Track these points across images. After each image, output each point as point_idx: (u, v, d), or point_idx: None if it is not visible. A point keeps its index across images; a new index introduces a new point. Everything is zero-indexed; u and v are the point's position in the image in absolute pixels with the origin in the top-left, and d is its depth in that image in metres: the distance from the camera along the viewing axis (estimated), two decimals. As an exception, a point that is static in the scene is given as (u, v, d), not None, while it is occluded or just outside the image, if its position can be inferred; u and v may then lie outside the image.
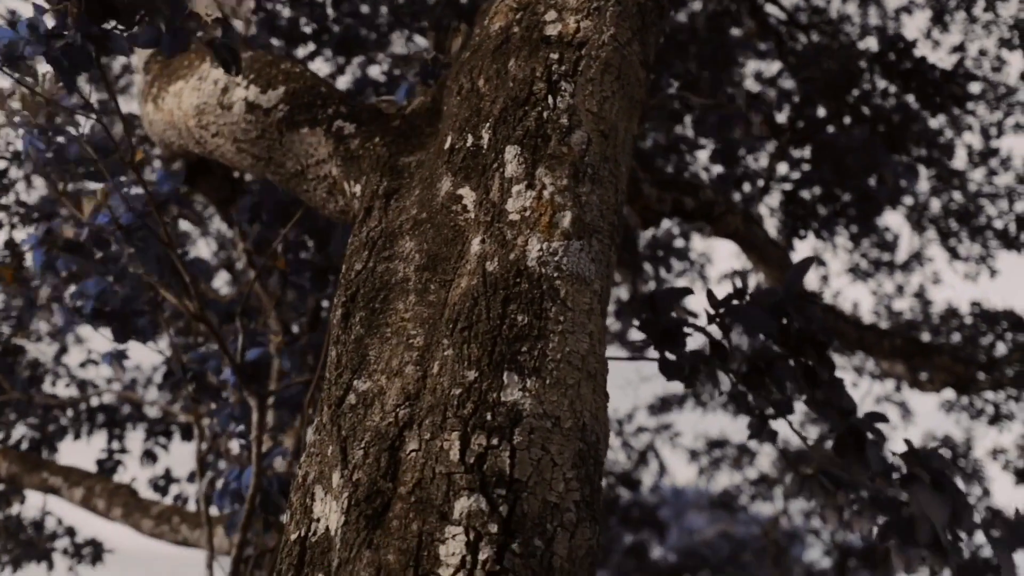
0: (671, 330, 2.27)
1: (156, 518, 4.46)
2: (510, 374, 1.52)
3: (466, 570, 1.32)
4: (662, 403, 8.94)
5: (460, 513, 1.37)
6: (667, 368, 2.26)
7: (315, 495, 1.59)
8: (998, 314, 6.23)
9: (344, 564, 1.40)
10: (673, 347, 2.27)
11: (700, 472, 9.19)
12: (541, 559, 1.37)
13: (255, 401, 2.74)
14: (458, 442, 1.44)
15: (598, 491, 1.55)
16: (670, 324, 2.31)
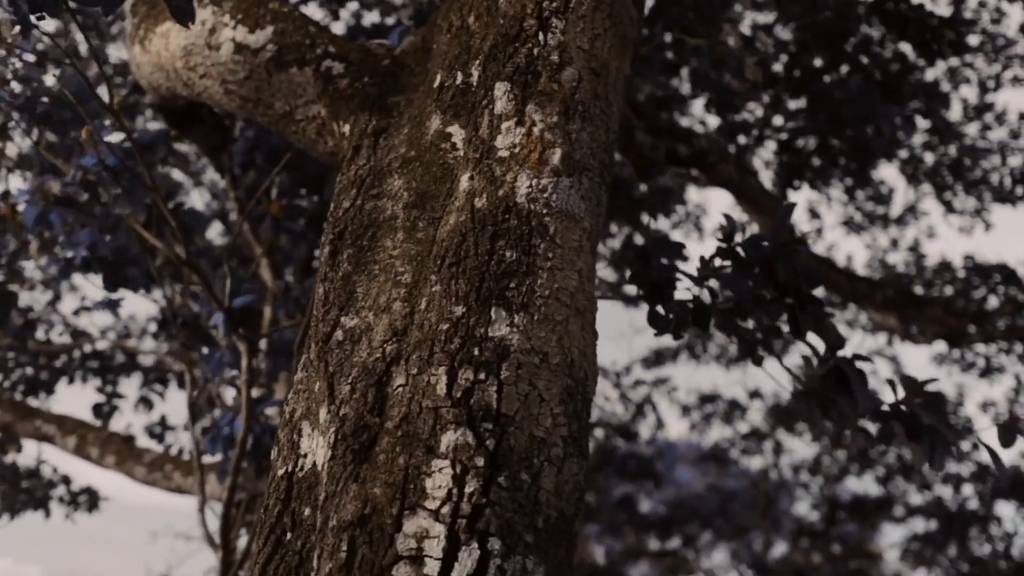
0: (661, 283, 2.26)
1: (149, 466, 4.48)
2: (498, 310, 1.52)
3: (452, 503, 1.32)
4: (656, 356, 8.98)
5: (447, 447, 1.36)
6: (656, 321, 2.25)
7: (302, 431, 1.58)
8: (991, 267, 6.23)
9: (331, 497, 1.40)
10: (662, 300, 2.27)
11: (692, 427, 9.25)
12: (528, 493, 1.37)
13: (245, 346, 2.73)
14: (445, 377, 1.44)
15: (586, 427, 1.54)
16: (660, 277, 2.31)
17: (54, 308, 6.44)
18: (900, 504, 9.46)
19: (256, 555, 1.49)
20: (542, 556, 1.35)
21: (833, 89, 5.25)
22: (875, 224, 7.72)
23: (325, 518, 1.39)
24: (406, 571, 1.27)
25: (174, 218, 2.58)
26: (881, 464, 8.97)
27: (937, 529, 9.36)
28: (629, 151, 4.06)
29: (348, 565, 1.30)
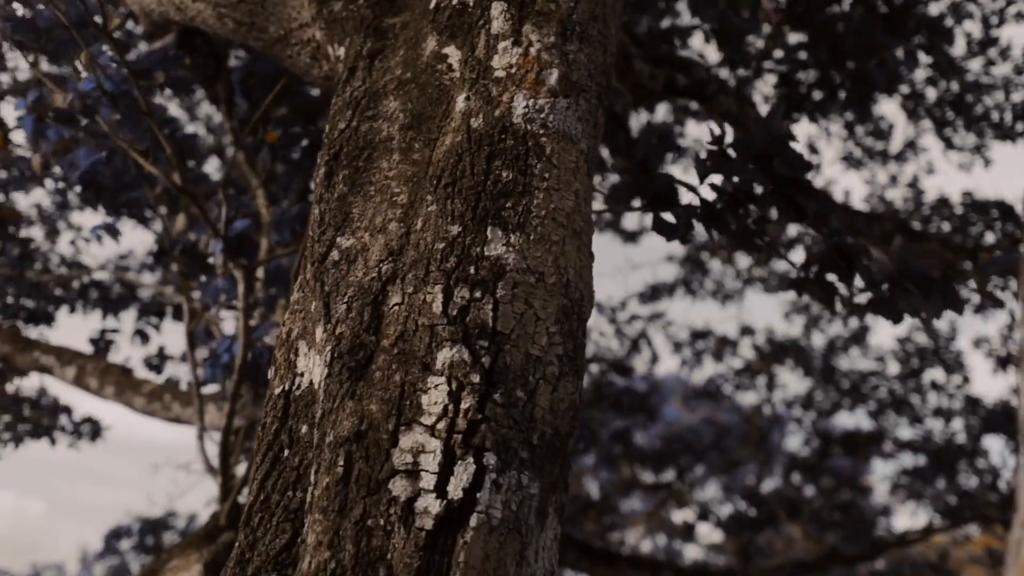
0: (663, 190, 2.25)
1: (148, 396, 4.50)
2: (494, 229, 1.51)
3: (448, 419, 1.33)
4: (652, 291, 9.00)
5: (442, 364, 1.37)
6: (662, 227, 2.24)
7: (298, 350, 1.59)
8: (989, 204, 6.22)
9: (327, 415, 1.42)
10: (667, 206, 2.26)
11: (683, 363, 9.30)
12: (523, 410, 1.38)
13: (242, 274, 2.73)
14: (441, 295, 1.44)
15: (582, 347, 1.55)
16: (662, 184, 2.30)
17: (52, 242, 6.43)
18: (890, 439, 9.56)
19: (254, 472, 1.50)
20: (537, 472, 1.37)
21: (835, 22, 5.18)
22: (874, 160, 7.68)
23: (322, 435, 1.40)
24: (402, 485, 1.28)
25: (169, 144, 2.55)
26: (873, 399, 9.05)
27: (926, 463, 9.49)
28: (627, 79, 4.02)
29: (345, 479, 1.32)
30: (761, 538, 10.25)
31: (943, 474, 9.53)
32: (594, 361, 8.99)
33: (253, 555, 1.37)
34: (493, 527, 1.27)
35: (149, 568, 2.55)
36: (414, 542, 1.24)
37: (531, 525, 1.34)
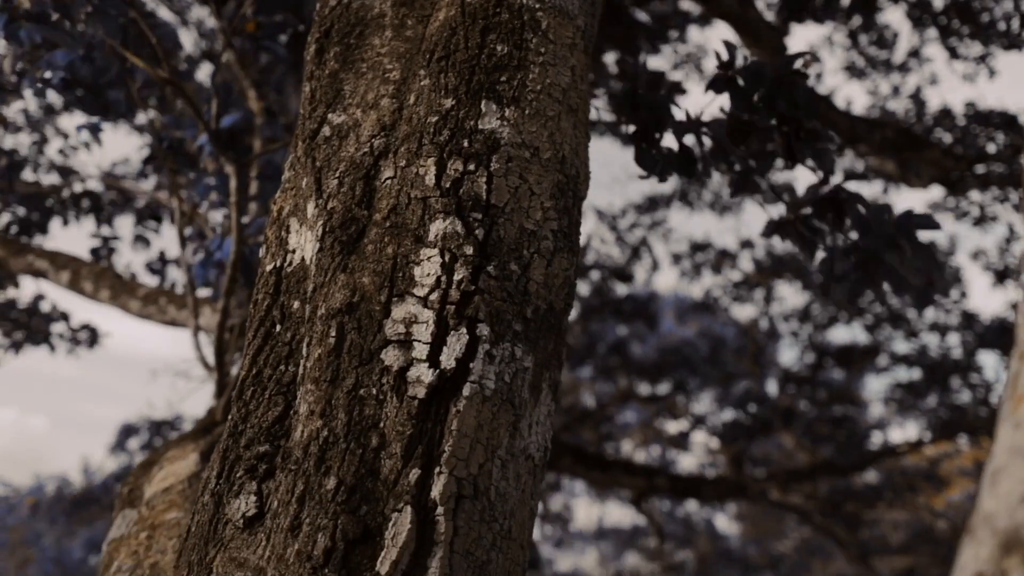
0: (650, 124, 2.21)
1: (143, 299, 4.49)
2: (488, 103, 1.48)
3: (441, 290, 1.31)
4: (650, 202, 8.93)
5: (435, 235, 1.35)
6: (643, 161, 2.21)
7: (290, 227, 1.56)
8: (991, 114, 6.13)
9: (319, 288, 1.40)
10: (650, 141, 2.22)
11: (682, 275, 9.29)
12: (517, 283, 1.36)
13: (233, 168, 2.69)
14: (434, 167, 1.41)
15: (577, 224, 1.53)
16: (650, 117, 2.25)
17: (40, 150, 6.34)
18: (886, 353, 9.61)
19: (246, 348, 1.49)
20: (531, 346, 1.36)
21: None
22: (877, 70, 7.55)
23: (314, 308, 1.39)
24: (395, 355, 1.27)
25: (153, 33, 2.49)
26: (870, 312, 9.07)
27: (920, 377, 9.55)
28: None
29: (337, 350, 1.30)
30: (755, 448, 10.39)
31: (936, 388, 9.61)
32: (594, 268, 8.98)
33: (246, 427, 1.36)
34: (486, 397, 1.26)
35: (148, 460, 2.56)
36: (407, 411, 1.23)
37: (525, 398, 1.33)
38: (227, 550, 1.25)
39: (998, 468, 0.67)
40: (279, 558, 1.18)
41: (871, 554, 9.74)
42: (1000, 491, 0.67)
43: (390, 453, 1.21)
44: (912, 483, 9.68)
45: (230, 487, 1.32)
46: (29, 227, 5.73)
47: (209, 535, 1.30)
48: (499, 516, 1.25)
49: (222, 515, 1.30)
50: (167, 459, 2.44)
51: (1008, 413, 0.68)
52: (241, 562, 1.23)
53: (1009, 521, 0.65)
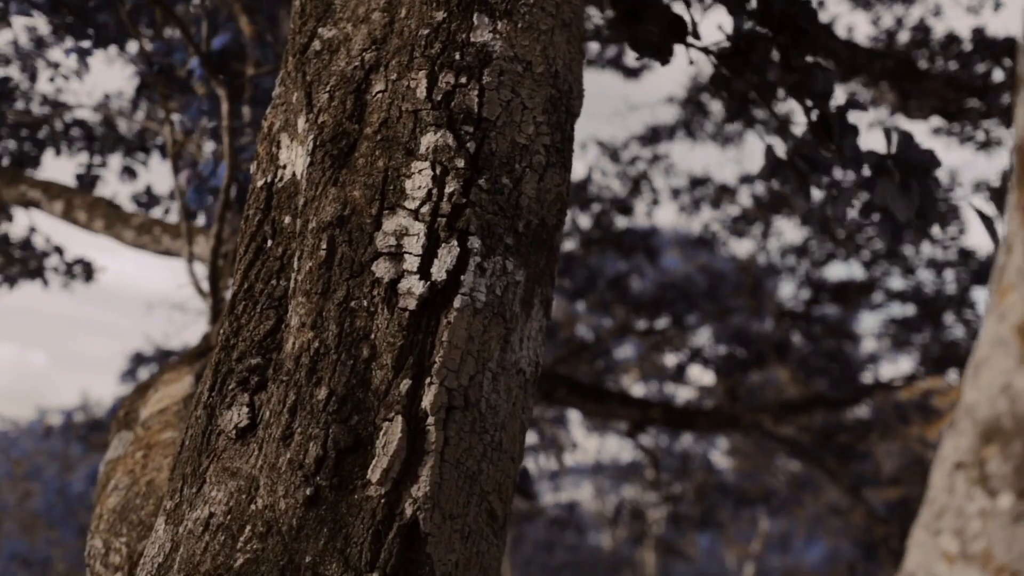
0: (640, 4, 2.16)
1: (138, 229, 4.47)
2: (480, 15, 1.45)
3: (432, 203, 1.30)
4: (652, 133, 8.86)
5: (426, 148, 1.34)
6: (636, 43, 2.17)
7: (281, 143, 1.55)
8: (997, 41, 6.04)
9: (310, 202, 1.39)
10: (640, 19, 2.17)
11: (681, 209, 9.26)
12: (509, 197, 1.35)
13: (224, 92, 2.66)
14: (425, 80, 1.39)
15: (569, 140, 1.51)
16: None
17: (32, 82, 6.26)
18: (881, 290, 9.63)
19: (238, 263, 1.48)
20: (523, 260, 1.35)
21: None
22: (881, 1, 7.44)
23: (305, 222, 1.38)
24: (385, 267, 1.27)
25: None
26: (868, 249, 9.06)
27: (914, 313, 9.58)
28: None
29: (328, 262, 1.30)
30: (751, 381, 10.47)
31: (930, 324, 9.65)
32: (595, 201, 8.94)
33: (238, 341, 1.37)
34: (477, 309, 1.27)
35: (144, 383, 2.58)
36: (397, 322, 1.23)
37: (516, 312, 1.33)
38: (220, 460, 1.27)
39: (981, 360, 0.68)
40: (271, 467, 1.19)
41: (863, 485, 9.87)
42: (982, 382, 0.67)
43: (381, 364, 1.22)
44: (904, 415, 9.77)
45: (222, 399, 1.33)
46: (22, 159, 5.69)
47: (202, 446, 1.31)
48: (490, 428, 1.26)
49: (215, 427, 1.31)
50: (163, 382, 2.45)
51: (993, 306, 0.68)
52: (234, 471, 1.24)
53: (989, 411, 0.66)
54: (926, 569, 0.67)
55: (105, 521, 1.81)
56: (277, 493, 1.17)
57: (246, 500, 1.20)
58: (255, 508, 1.18)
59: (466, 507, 1.21)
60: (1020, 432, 0.64)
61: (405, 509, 1.15)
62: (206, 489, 1.25)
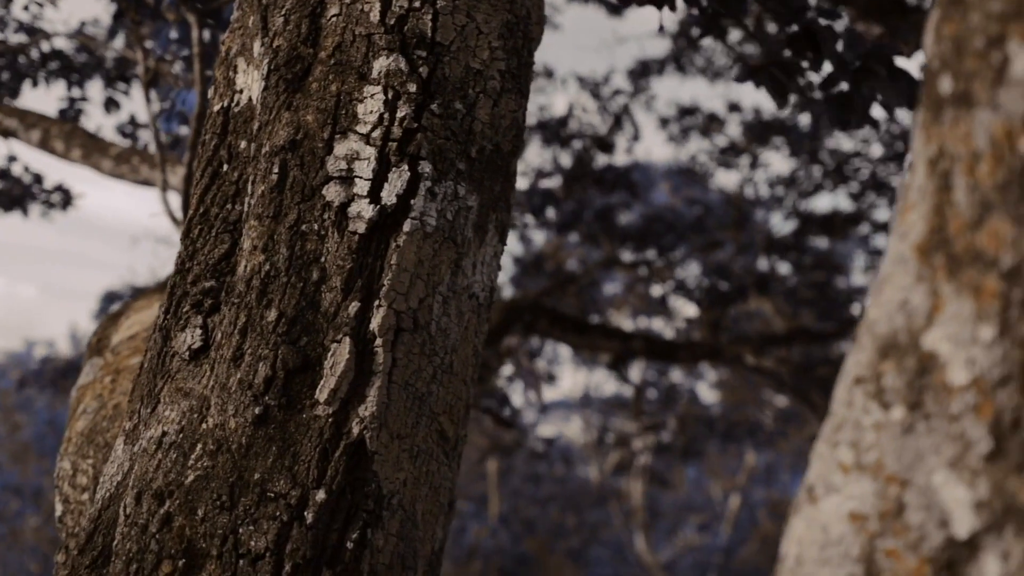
0: None
1: (116, 159, 4.44)
2: (436, -63, 1.44)
3: (383, 127, 1.30)
4: (642, 67, 8.77)
5: (379, 72, 1.34)
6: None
7: (237, 67, 1.54)
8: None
9: (264, 127, 1.39)
10: None
11: (669, 139, 9.22)
12: (461, 122, 1.35)
13: (195, 18, 2.63)
14: (379, 4, 1.38)
15: (527, 66, 1.51)
16: None
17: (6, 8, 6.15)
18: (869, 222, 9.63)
19: (194, 188, 1.49)
20: (475, 185, 1.36)
21: None
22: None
23: (259, 146, 1.38)
24: (336, 191, 1.27)
25: None
26: (855, 180, 9.05)
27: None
28: None
29: (280, 186, 1.31)
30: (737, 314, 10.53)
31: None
32: (576, 137, 8.88)
33: (193, 264, 1.38)
34: (427, 234, 1.28)
35: (117, 311, 2.60)
36: (347, 245, 1.24)
37: (468, 237, 1.34)
38: (174, 380, 1.29)
39: (883, 277, 0.69)
40: (222, 387, 1.22)
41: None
42: (882, 299, 0.69)
43: (330, 286, 1.23)
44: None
45: (177, 321, 1.34)
46: (0, 89, 5.62)
47: (157, 368, 1.33)
48: (440, 351, 1.28)
49: (169, 348, 1.33)
50: (134, 308, 2.47)
51: (897, 225, 0.69)
52: (187, 392, 1.26)
53: (887, 327, 0.68)
54: (824, 479, 0.70)
55: (73, 444, 1.84)
56: (227, 412, 1.19)
57: (198, 419, 1.22)
58: (206, 427, 1.20)
59: (415, 427, 1.24)
60: (914, 347, 0.66)
61: (352, 428, 1.18)
62: (160, 409, 1.27)
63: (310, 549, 1.11)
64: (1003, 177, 0.61)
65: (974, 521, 0.61)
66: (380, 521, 1.17)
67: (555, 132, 8.74)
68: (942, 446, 0.63)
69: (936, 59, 0.67)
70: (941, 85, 0.66)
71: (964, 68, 0.64)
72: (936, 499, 0.63)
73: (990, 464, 0.61)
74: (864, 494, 0.67)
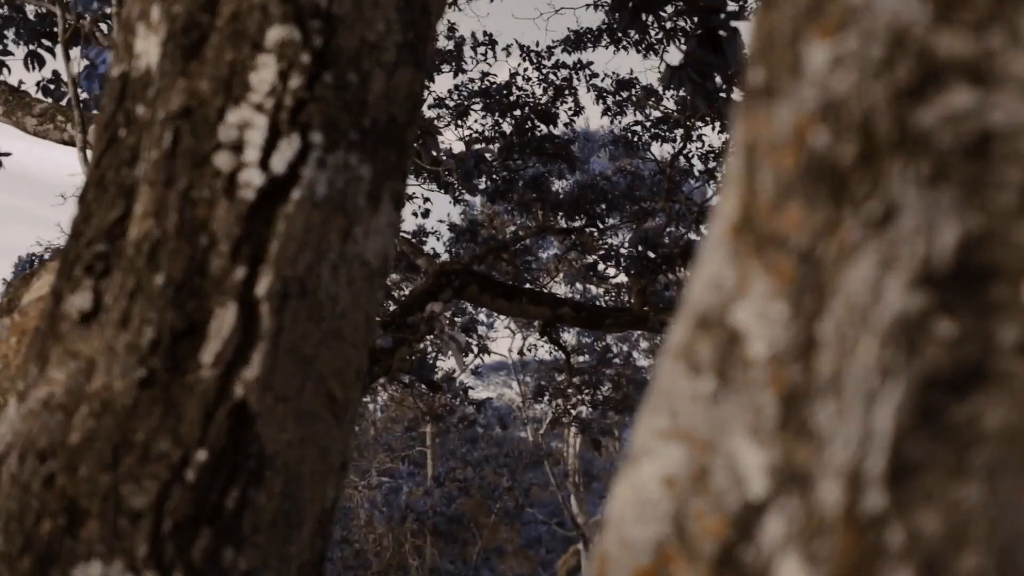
0: None
1: (39, 116, 4.38)
2: (335, -92, 1.45)
3: (276, 96, 1.33)
4: (576, 37, 8.80)
5: (273, 42, 1.35)
6: None
7: (137, 32, 1.55)
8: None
9: (160, 93, 1.40)
10: None
11: (605, 112, 9.29)
12: (355, 93, 1.38)
13: (112, -25, 2.60)
14: (274, -27, 1.39)
15: (425, 39, 1.54)
16: None
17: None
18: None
19: (93, 153, 1.50)
20: (368, 155, 1.39)
21: None
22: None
23: (154, 112, 1.39)
24: (226, 158, 1.30)
25: None
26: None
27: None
28: None
29: (172, 153, 1.32)
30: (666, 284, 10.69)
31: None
32: (516, 107, 8.91)
33: (87, 228, 1.39)
34: (317, 202, 1.31)
35: (31, 272, 2.58)
36: (236, 212, 1.27)
37: (360, 206, 1.37)
38: (63, 343, 1.30)
39: (703, 255, 0.75)
40: (109, 349, 1.24)
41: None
42: (701, 276, 0.74)
43: (218, 252, 1.26)
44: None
45: (70, 284, 1.36)
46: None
47: (48, 330, 1.34)
48: (328, 316, 1.32)
49: (60, 311, 1.34)
50: (47, 270, 2.46)
51: (717, 206, 0.74)
52: (75, 354, 1.28)
53: (703, 303, 0.73)
54: (644, 446, 0.75)
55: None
56: (113, 374, 1.22)
57: (84, 381, 1.24)
58: (92, 388, 1.23)
59: (301, 390, 1.27)
60: (724, 322, 0.71)
61: (236, 390, 1.21)
62: (48, 370, 1.29)
63: (190, 507, 1.15)
64: (799, 165, 0.66)
65: (766, 484, 0.67)
66: (263, 480, 1.21)
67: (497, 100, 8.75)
68: (742, 415, 0.69)
69: (753, 51, 0.73)
70: (755, 76, 0.71)
71: (771, 61, 0.69)
72: (736, 464, 0.69)
73: (780, 432, 0.67)
74: (677, 459, 0.72)
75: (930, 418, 0.63)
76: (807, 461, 0.66)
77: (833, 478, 0.64)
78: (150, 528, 1.13)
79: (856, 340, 0.65)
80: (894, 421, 0.63)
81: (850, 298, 0.64)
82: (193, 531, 1.15)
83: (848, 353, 0.65)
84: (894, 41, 0.61)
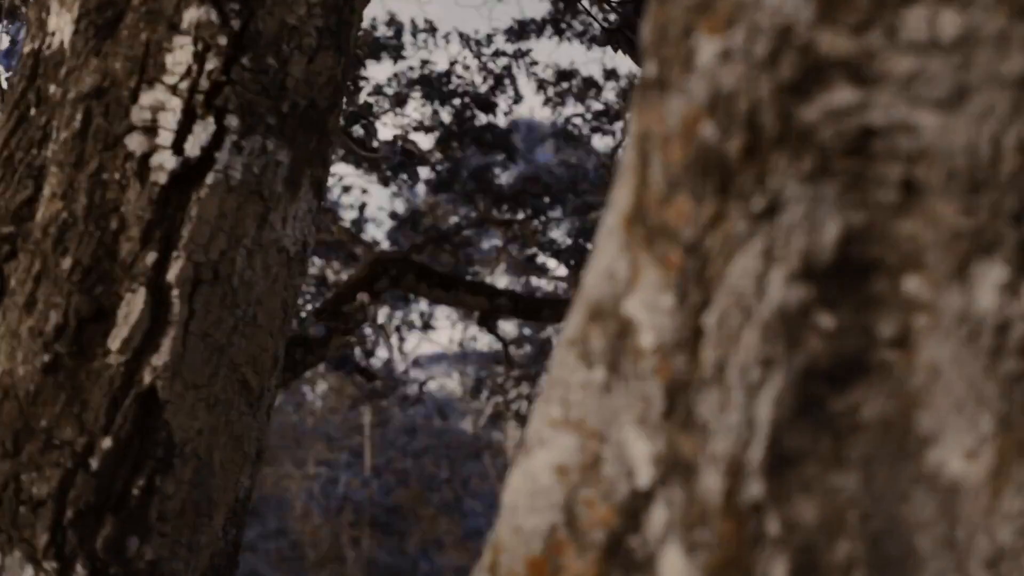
0: None
1: (-37, 93, 4.25)
2: None
3: (191, 78, 1.30)
4: (520, 27, 8.79)
5: (189, 23, 1.33)
6: None
7: (50, 8, 1.51)
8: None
9: (72, 72, 1.37)
10: None
11: (546, 102, 9.29)
12: (274, 77, 1.36)
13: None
14: (192, -47, 1.37)
15: (348, 25, 1.52)
16: None
17: None
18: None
19: (1, 131, 1.46)
20: (287, 141, 1.38)
21: None
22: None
23: (65, 92, 1.36)
24: (139, 141, 1.27)
25: None
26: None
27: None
28: None
29: (82, 134, 1.29)
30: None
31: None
32: (456, 96, 8.87)
33: (-6, 209, 1.36)
34: (231, 187, 1.29)
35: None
36: (148, 195, 1.25)
37: (278, 192, 1.36)
38: (-35, 323, 1.27)
39: (597, 246, 0.75)
40: (12, 334, 1.21)
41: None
42: (595, 267, 0.74)
43: (129, 236, 1.23)
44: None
45: (-26, 267, 1.32)
46: None
47: (-49, 313, 1.31)
48: (242, 302, 1.30)
49: (-36, 294, 1.31)
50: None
51: (611, 197, 0.75)
52: (-22, 337, 1.25)
53: (596, 293, 0.73)
54: (537, 434, 0.76)
55: None
56: (16, 360, 1.19)
57: (-14, 366, 1.21)
58: (-6, 373, 1.20)
59: (213, 377, 1.26)
60: (615, 312, 0.72)
61: (144, 377, 1.19)
62: (-50, 354, 1.26)
63: (94, 495, 1.13)
64: (688, 158, 0.67)
65: (652, 473, 0.68)
66: (171, 468, 1.19)
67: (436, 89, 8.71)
68: (632, 405, 0.70)
69: (647, 44, 0.73)
70: (648, 69, 0.71)
71: (664, 54, 0.69)
72: (625, 453, 0.70)
73: (665, 422, 0.68)
74: (569, 448, 0.73)
75: (809, 409, 0.65)
76: (691, 451, 0.66)
77: (715, 467, 0.65)
78: (51, 517, 1.11)
79: (740, 331, 0.66)
80: (774, 412, 0.64)
81: (735, 290, 0.65)
82: (97, 520, 1.13)
83: (732, 344, 0.66)
84: (779, 37, 0.62)
